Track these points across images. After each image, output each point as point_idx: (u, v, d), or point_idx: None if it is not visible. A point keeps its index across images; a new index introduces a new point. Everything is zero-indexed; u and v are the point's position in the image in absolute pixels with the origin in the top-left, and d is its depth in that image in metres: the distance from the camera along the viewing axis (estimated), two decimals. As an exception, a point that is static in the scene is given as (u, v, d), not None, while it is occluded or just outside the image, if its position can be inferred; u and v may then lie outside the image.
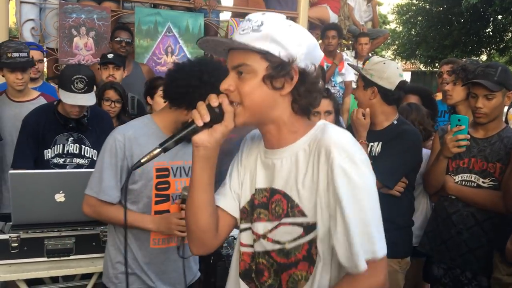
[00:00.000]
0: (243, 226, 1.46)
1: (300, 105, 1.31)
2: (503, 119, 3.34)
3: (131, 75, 4.17)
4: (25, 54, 3.25)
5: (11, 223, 2.62)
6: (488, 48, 20.03)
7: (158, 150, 1.27)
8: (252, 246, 1.42)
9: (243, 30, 1.27)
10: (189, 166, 2.29)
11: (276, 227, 1.34)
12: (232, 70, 1.29)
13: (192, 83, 2.06)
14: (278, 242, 1.34)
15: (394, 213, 2.50)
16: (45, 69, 5.48)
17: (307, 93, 1.30)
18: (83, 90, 2.85)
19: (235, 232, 2.77)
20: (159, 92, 3.24)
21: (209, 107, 1.27)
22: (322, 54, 1.36)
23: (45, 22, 4.84)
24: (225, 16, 6.34)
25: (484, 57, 20.07)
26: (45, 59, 5.05)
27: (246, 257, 1.45)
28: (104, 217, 2.20)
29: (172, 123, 2.20)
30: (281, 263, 1.35)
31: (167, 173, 2.19)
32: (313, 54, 1.31)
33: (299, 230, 1.30)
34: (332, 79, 5.57)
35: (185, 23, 5.13)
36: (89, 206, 2.19)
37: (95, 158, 3.11)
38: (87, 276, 2.76)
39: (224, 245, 2.76)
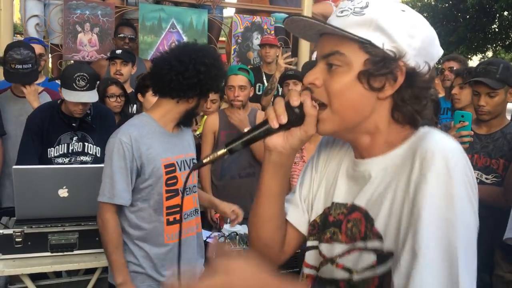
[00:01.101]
0: (310, 243, 1.19)
1: (403, 113, 1.02)
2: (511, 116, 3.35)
3: (136, 72, 4.17)
4: (29, 66, 3.24)
5: (15, 218, 2.65)
6: (494, 45, 19.95)
7: (223, 150, 1.06)
8: (317, 269, 1.16)
9: (341, 12, 1.01)
10: (190, 158, 2.32)
11: (349, 251, 1.06)
12: (322, 60, 1.04)
13: (200, 69, 2.08)
14: (348, 271, 1.05)
15: None
16: (50, 65, 5.50)
17: (413, 99, 1.01)
18: (85, 88, 2.86)
19: (237, 227, 2.80)
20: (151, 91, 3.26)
21: (287, 106, 1.04)
22: (441, 52, 1.07)
23: (50, 18, 4.85)
24: (229, 12, 6.35)
25: (489, 54, 19.99)
26: (49, 55, 5.08)
27: (309, 280, 1.18)
28: (110, 231, 2.16)
29: (174, 118, 2.23)
30: None
31: (174, 168, 2.22)
32: (429, 50, 1.02)
33: (371, 258, 1.00)
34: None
35: (189, 19, 5.13)
36: (106, 214, 2.15)
37: (98, 155, 3.12)
38: (90, 271, 2.78)
39: (226, 241, 2.77)
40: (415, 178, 0.94)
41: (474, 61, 19.52)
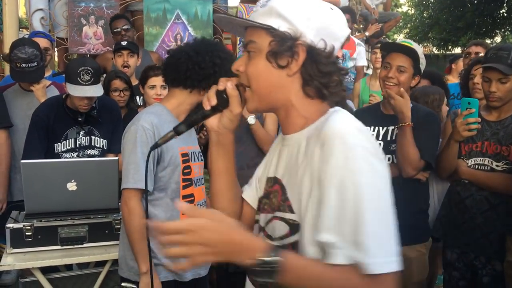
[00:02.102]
0: (256, 217, 1.36)
1: (312, 87, 1.16)
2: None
3: (141, 63, 4.15)
4: (34, 64, 3.23)
5: (24, 212, 2.66)
6: (503, 30, 19.71)
7: (172, 133, 1.24)
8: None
9: (255, 8, 1.19)
10: (198, 151, 2.33)
11: (270, 220, 1.23)
12: (244, 50, 1.21)
13: (216, 62, 2.11)
14: (270, 237, 1.22)
15: (420, 198, 2.63)
16: (56, 59, 5.50)
17: (319, 74, 1.14)
18: (89, 82, 2.86)
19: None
20: (148, 82, 3.26)
21: (217, 91, 1.22)
22: (346, 32, 1.20)
23: (55, 12, 4.84)
24: (234, 1, 6.30)
25: (498, 39, 19.77)
26: (55, 49, 5.07)
27: None
28: (136, 216, 2.11)
29: (186, 110, 2.25)
30: None
31: (188, 158, 2.24)
32: (330, 30, 1.15)
33: (286, 228, 1.16)
34: (343, 64, 5.52)
35: (194, 9, 5.09)
36: (132, 201, 2.11)
37: (105, 148, 3.12)
38: (101, 264, 2.80)
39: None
40: (318, 160, 1.07)
41: (482, 47, 19.33)
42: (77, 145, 3.06)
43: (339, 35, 1.18)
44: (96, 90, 2.92)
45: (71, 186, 2.61)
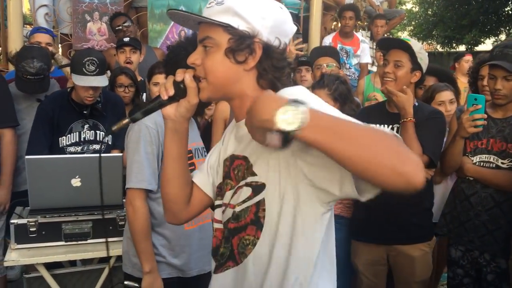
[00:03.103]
0: (217, 202, 1.43)
1: (266, 80, 1.27)
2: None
3: (145, 60, 4.14)
4: (41, 76, 3.23)
5: (29, 208, 2.66)
6: (507, 27, 19.61)
7: (127, 120, 1.29)
8: (224, 223, 1.38)
9: (209, 4, 1.24)
10: (201, 147, 2.31)
11: (235, 191, 1.32)
12: (199, 44, 1.27)
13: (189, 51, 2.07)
14: (233, 207, 1.32)
15: (424, 196, 2.59)
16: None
17: (272, 68, 1.25)
18: (95, 72, 2.87)
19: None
20: (153, 79, 3.22)
21: (174, 82, 1.28)
22: (294, 29, 1.31)
23: (59, 8, 4.84)
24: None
25: (503, 37, 19.67)
26: (59, 45, 5.08)
27: (218, 233, 1.41)
28: (141, 215, 2.10)
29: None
30: (231, 229, 1.32)
31: (191, 155, 2.21)
32: (282, 28, 1.25)
33: (249, 191, 1.27)
34: (347, 61, 5.50)
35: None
36: (137, 200, 2.09)
37: (110, 143, 3.12)
38: (105, 260, 2.80)
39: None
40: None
41: (487, 45, 19.22)
42: (82, 139, 3.06)
43: (289, 32, 1.28)
44: (101, 80, 2.93)
45: (75, 182, 2.61)
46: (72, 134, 3.05)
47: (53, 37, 4.28)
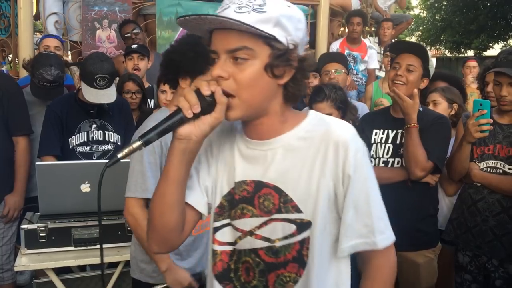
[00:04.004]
0: (218, 223, 1.30)
1: (291, 93, 1.19)
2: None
3: (154, 66, 4.18)
4: (57, 84, 3.30)
5: (39, 213, 2.69)
6: (516, 32, 19.52)
7: (138, 143, 1.08)
8: (232, 244, 1.28)
9: (239, 8, 1.08)
10: None
11: (265, 223, 1.22)
12: (226, 54, 1.11)
13: (188, 55, 2.05)
14: (267, 240, 1.22)
15: (429, 202, 2.62)
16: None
17: (300, 82, 1.18)
18: (104, 87, 2.93)
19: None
20: (160, 87, 3.17)
21: (199, 95, 1.09)
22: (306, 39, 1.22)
23: (68, 15, 4.90)
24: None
25: (511, 42, 19.57)
26: (69, 52, 5.13)
27: (224, 256, 1.30)
28: (139, 231, 2.09)
29: None
30: (269, 263, 1.22)
31: None
32: (306, 39, 1.19)
33: (292, 228, 1.19)
34: (354, 67, 5.51)
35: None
36: (131, 214, 2.10)
37: (119, 143, 3.15)
38: (113, 265, 2.82)
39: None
40: (333, 156, 1.16)
41: (495, 50, 19.13)
42: (90, 139, 3.10)
43: (306, 42, 1.21)
44: (110, 94, 2.97)
45: (85, 187, 2.64)
46: (80, 133, 3.09)
47: (62, 42, 4.34)
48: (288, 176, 1.19)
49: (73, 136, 3.07)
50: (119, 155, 1.09)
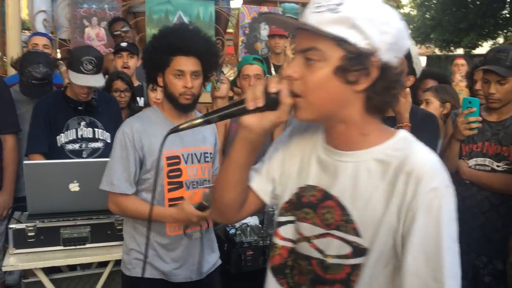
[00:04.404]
0: (283, 218, 1.28)
1: (375, 104, 1.09)
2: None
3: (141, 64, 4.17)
4: (45, 81, 3.28)
5: (27, 212, 2.67)
6: (505, 31, 19.67)
7: (200, 120, 1.15)
8: (293, 242, 1.26)
9: (316, 8, 1.04)
10: (201, 152, 2.30)
11: (323, 235, 1.16)
12: (299, 54, 1.08)
13: (148, 49, 2.18)
14: (321, 252, 1.17)
15: None
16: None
17: (385, 91, 1.07)
18: (92, 71, 2.90)
19: (248, 219, 2.81)
20: (150, 85, 3.29)
21: (266, 91, 1.10)
22: (408, 43, 1.12)
23: (57, 13, 4.86)
24: (236, 3, 6.32)
25: (500, 40, 19.73)
26: (57, 50, 5.09)
27: (283, 251, 1.27)
28: (128, 212, 2.20)
29: (172, 109, 2.23)
30: (319, 275, 1.18)
31: (178, 160, 2.21)
32: (400, 44, 1.07)
33: (347, 249, 1.11)
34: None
35: (196, 11, 5.11)
36: (112, 203, 2.22)
37: (108, 141, 3.14)
38: (103, 264, 2.80)
39: (237, 232, 2.78)
40: (403, 187, 1.04)
41: (485, 48, 19.27)
42: (79, 136, 3.08)
43: (404, 49, 1.10)
44: (98, 80, 2.97)
45: (74, 187, 2.62)
46: (69, 131, 3.06)
47: (51, 40, 4.30)
48: (354, 196, 1.12)
49: (62, 134, 3.04)
50: (181, 127, 1.17)
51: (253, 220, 2.86)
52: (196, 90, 2.19)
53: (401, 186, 1.05)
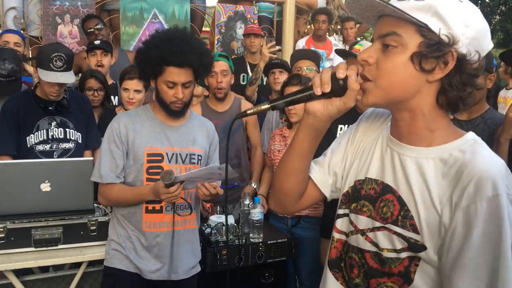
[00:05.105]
0: (341, 211, 1.30)
1: (448, 98, 1.08)
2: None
3: (118, 63, 4.11)
4: (13, 78, 3.25)
5: (-3, 213, 2.61)
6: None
7: (266, 105, 1.17)
8: (346, 234, 1.27)
9: None
10: (187, 153, 2.31)
11: (378, 228, 1.16)
12: (378, 40, 1.10)
13: (141, 55, 2.20)
14: (376, 245, 1.17)
15: None
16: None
17: (460, 85, 1.06)
18: (62, 68, 2.86)
19: (223, 218, 2.80)
20: (123, 84, 3.31)
21: (333, 77, 1.11)
22: (490, 46, 1.11)
23: (28, 10, 4.77)
24: (211, 1, 6.28)
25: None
26: (29, 48, 4.99)
27: (339, 244, 1.30)
28: (113, 199, 2.27)
29: (163, 111, 2.28)
30: (373, 268, 1.18)
31: (160, 158, 2.24)
32: (481, 41, 1.07)
33: (403, 244, 1.11)
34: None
35: (171, 9, 5.07)
36: (100, 194, 2.31)
37: (80, 141, 3.10)
38: (76, 265, 2.77)
39: (213, 231, 2.77)
40: (461, 191, 1.02)
41: None
42: (50, 137, 3.02)
43: (485, 48, 1.09)
44: (69, 77, 2.91)
45: (45, 187, 2.58)
46: (39, 131, 3.00)
47: (23, 38, 4.21)
48: (415, 193, 1.10)
49: (31, 135, 2.98)
50: (248, 112, 1.18)
51: (229, 220, 2.86)
52: (187, 98, 2.24)
53: (461, 189, 1.03)
